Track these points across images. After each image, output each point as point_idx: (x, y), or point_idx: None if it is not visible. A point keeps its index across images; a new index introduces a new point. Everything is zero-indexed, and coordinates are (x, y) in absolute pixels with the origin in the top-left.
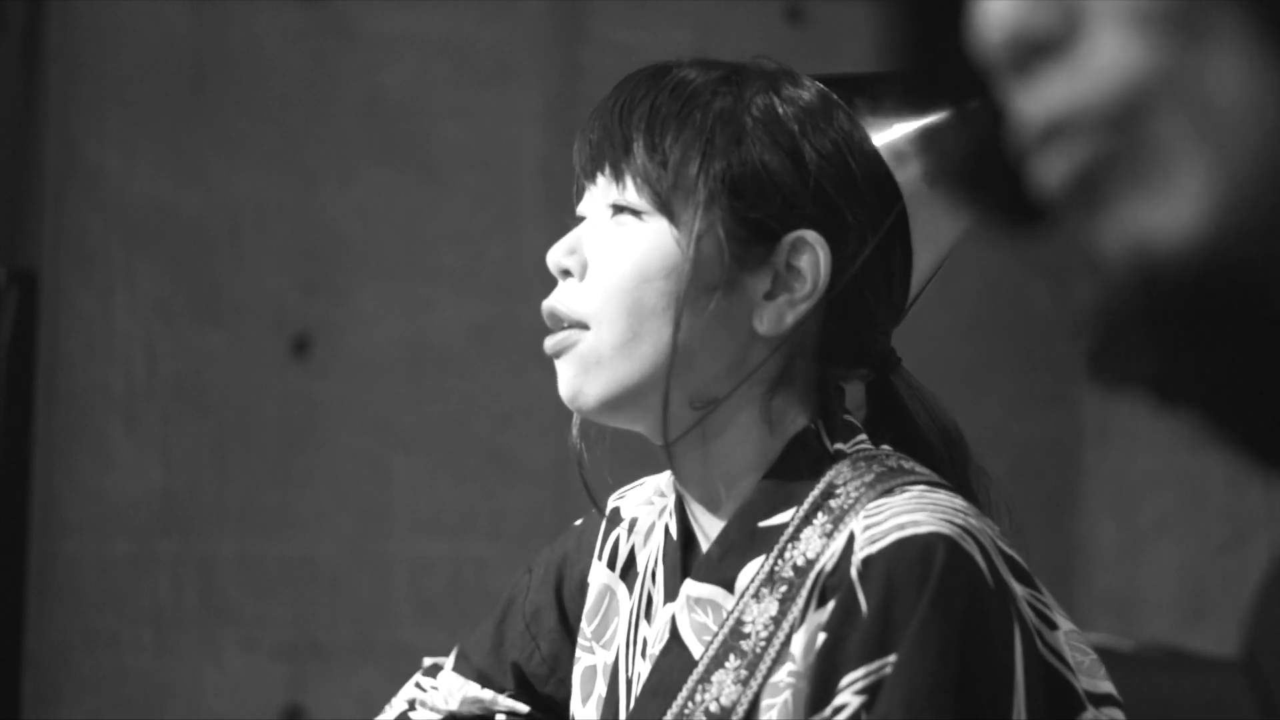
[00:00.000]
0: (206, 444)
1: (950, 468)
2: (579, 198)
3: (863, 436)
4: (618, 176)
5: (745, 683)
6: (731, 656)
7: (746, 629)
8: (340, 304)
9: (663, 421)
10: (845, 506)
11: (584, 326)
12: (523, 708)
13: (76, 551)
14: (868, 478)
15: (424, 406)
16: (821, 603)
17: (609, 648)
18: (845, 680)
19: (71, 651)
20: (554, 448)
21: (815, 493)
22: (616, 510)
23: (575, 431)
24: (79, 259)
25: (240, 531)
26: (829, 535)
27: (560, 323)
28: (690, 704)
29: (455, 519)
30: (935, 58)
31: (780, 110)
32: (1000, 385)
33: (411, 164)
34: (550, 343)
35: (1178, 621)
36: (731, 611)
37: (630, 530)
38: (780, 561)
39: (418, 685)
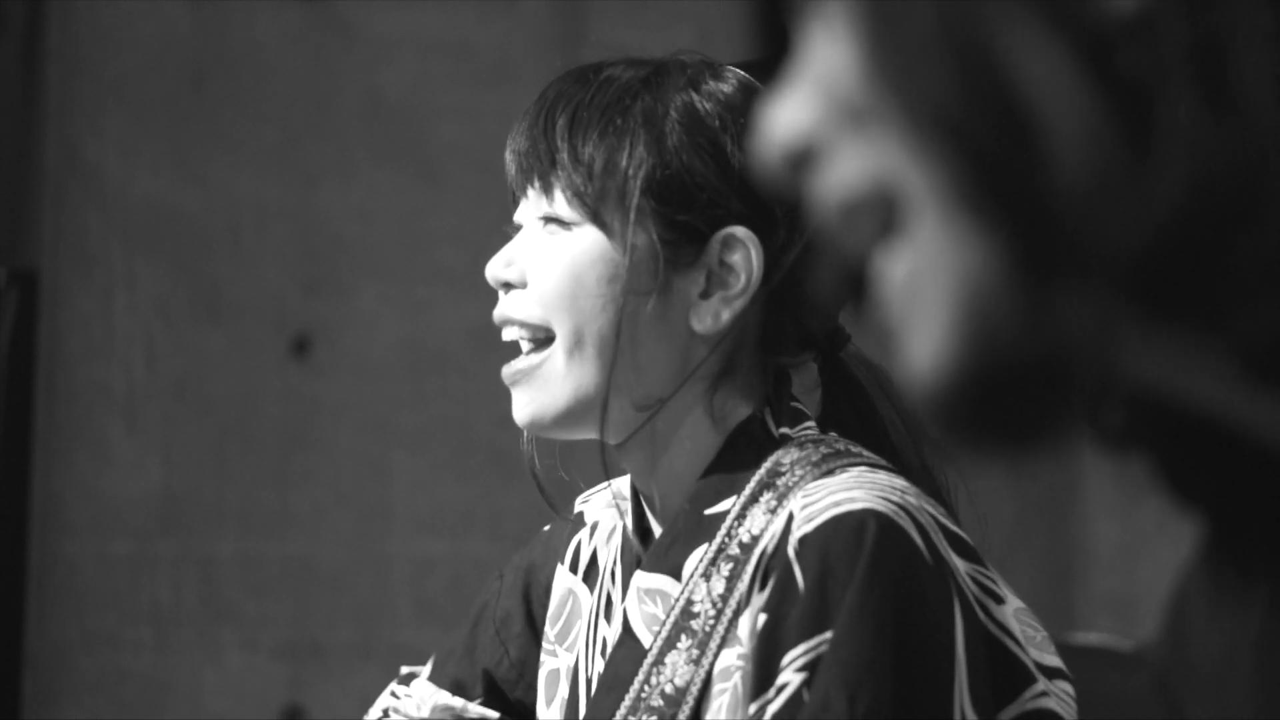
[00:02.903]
0: (206, 444)
1: (907, 441)
2: (514, 206)
3: (810, 423)
4: (546, 189)
5: (697, 662)
6: (683, 637)
7: (696, 608)
8: (340, 304)
9: (600, 423)
10: (790, 484)
11: (547, 332)
12: (493, 714)
13: (76, 551)
14: (814, 457)
15: (424, 406)
16: (764, 584)
17: (571, 650)
18: (786, 659)
19: (71, 651)
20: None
21: (760, 473)
22: (580, 514)
23: (525, 440)
24: (79, 259)
25: (240, 531)
26: (773, 512)
27: (517, 330)
28: (646, 687)
29: (455, 519)
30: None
31: (700, 108)
32: None
33: (411, 164)
34: (510, 371)
35: None
36: (681, 593)
37: (592, 533)
38: (727, 539)
39: (392, 694)
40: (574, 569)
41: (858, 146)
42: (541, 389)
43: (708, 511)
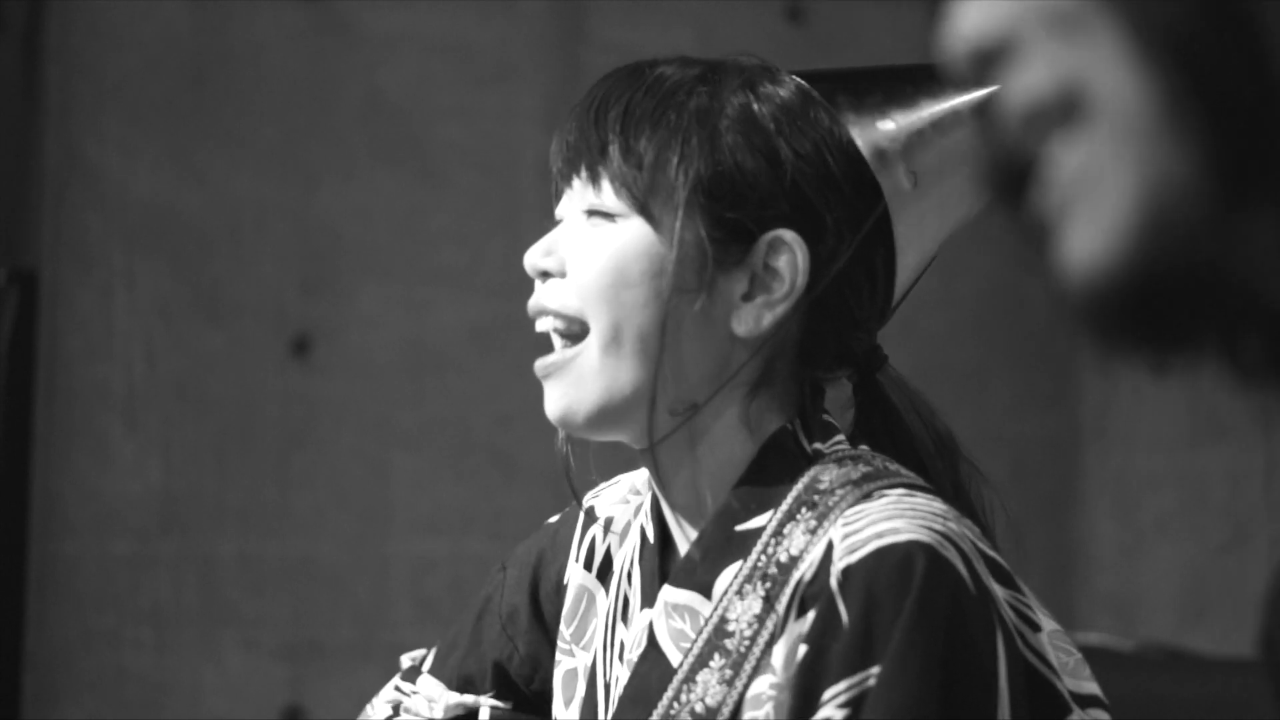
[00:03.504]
0: (206, 444)
1: (940, 464)
2: (557, 199)
3: (840, 437)
4: (594, 179)
5: (730, 683)
6: (716, 655)
7: (730, 627)
8: (340, 304)
9: (648, 425)
10: (830, 504)
11: (582, 325)
12: (504, 707)
13: (76, 551)
14: (854, 475)
15: (424, 406)
16: (801, 613)
17: (588, 650)
18: (828, 693)
19: (71, 651)
20: (554, 447)
21: (797, 490)
22: (591, 509)
23: (561, 438)
24: (79, 259)
25: (240, 531)
26: (813, 532)
27: (551, 320)
28: (675, 704)
29: (455, 519)
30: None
31: (756, 109)
32: (1000, 385)
33: (411, 164)
34: (542, 364)
35: (1178, 621)
36: (714, 611)
37: (606, 529)
38: (764, 558)
39: (397, 689)
40: (588, 566)
41: (1055, 50)
42: (574, 384)
43: (739, 528)
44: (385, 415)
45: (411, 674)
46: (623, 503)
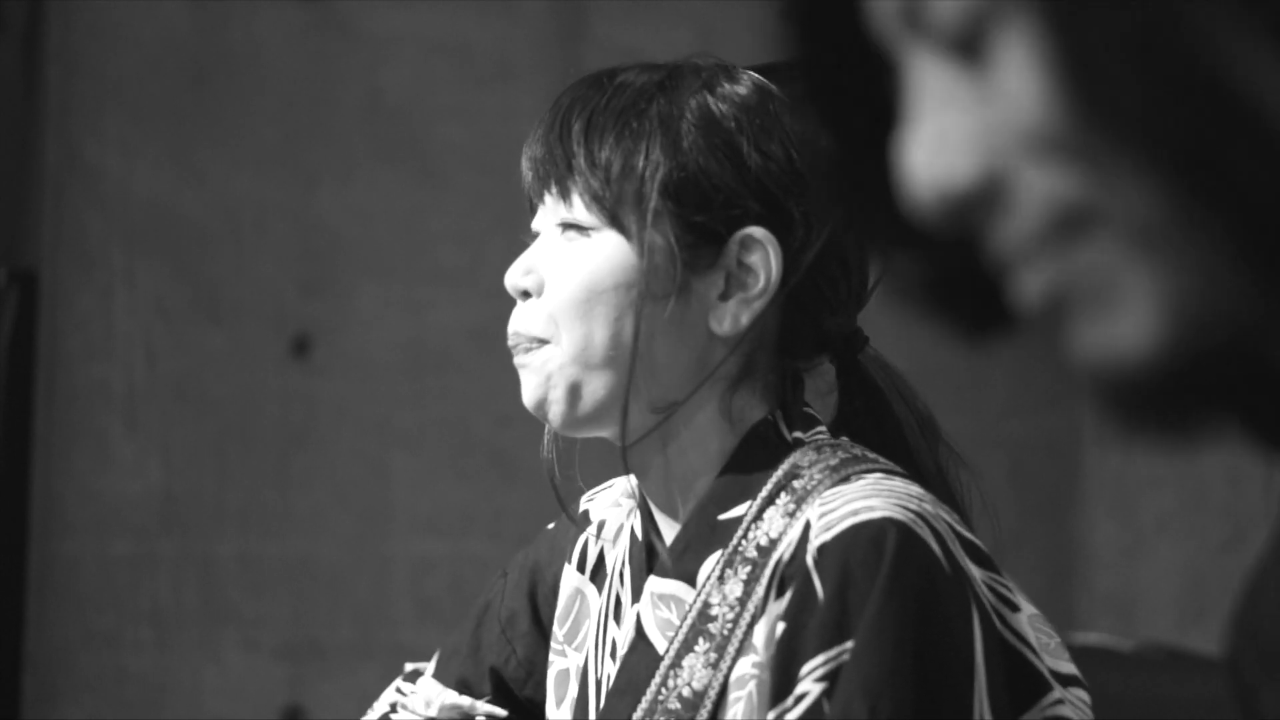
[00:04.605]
0: (206, 444)
1: (923, 443)
2: (532, 213)
3: (821, 427)
4: (564, 195)
5: (715, 666)
6: (700, 640)
7: (713, 611)
8: (340, 304)
9: (621, 429)
10: (809, 488)
11: (544, 343)
12: (501, 712)
13: (76, 551)
14: (832, 461)
15: (424, 406)
16: (780, 592)
17: (580, 650)
18: (805, 668)
19: (71, 651)
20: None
21: (776, 477)
22: (586, 513)
23: (546, 441)
24: (79, 259)
25: (240, 531)
26: (791, 515)
27: (521, 342)
28: (663, 690)
29: (455, 519)
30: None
31: (716, 109)
32: (1000, 385)
33: (411, 164)
34: (518, 359)
35: (1178, 621)
36: (697, 597)
37: (599, 532)
38: (744, 543)
39: (398, 690)
40: (581, 568)
41: (1043, 179)
42: (544, 380)
43: (721, 517)
44: (385, 415)
45: (412, 676)
46: (615, 506)
